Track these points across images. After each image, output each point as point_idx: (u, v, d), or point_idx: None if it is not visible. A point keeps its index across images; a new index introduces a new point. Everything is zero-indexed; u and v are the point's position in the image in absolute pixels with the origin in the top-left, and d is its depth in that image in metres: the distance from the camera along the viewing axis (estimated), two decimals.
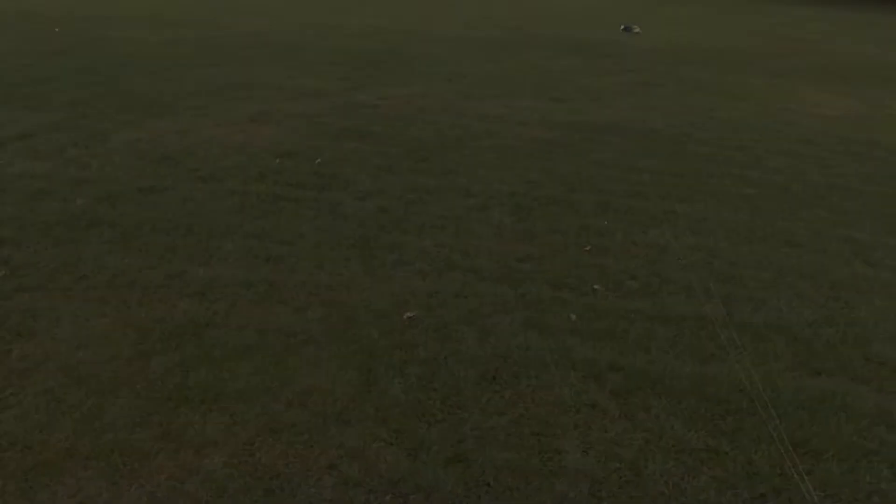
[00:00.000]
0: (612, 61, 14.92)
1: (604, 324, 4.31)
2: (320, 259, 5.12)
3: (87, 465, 3.06)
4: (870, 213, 6.47)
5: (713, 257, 5.31)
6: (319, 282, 4.78)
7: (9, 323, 4.14)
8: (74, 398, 3.50)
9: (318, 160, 7.28)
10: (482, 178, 7.03)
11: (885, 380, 3.86)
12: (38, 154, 7.23)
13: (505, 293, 4.72)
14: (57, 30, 15.44)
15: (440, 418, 3.44)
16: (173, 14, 18.80)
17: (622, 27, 21.11)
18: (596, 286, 4.83)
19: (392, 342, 4.09)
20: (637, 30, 20.77)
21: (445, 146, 8.11)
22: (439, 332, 4.22)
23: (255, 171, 6.88)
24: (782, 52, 18.26)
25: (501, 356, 3.98)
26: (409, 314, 4.40)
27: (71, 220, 5.62)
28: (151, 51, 13.25)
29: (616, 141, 8.60)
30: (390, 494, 2.95)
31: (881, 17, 34.51)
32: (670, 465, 3.13)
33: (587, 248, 5.47)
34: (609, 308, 4.52)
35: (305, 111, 9.32)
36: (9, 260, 4.91)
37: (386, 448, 3.22)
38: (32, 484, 2.95)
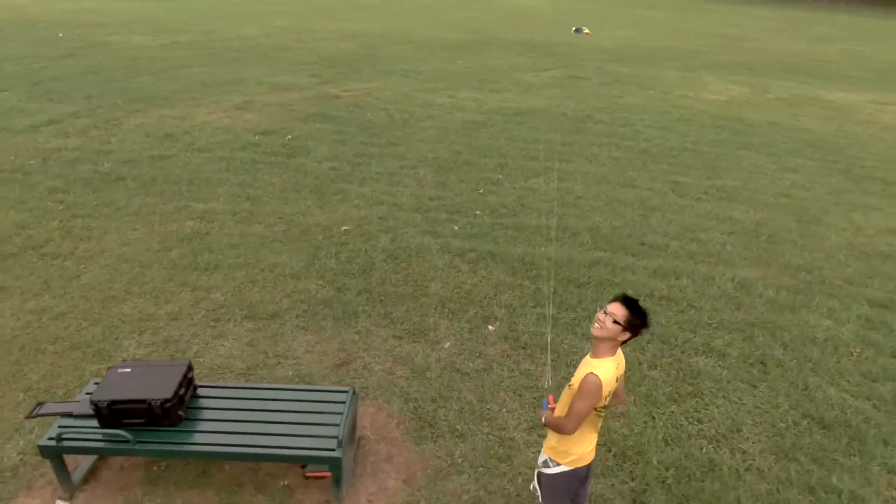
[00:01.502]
0: (553, 59, 17.08)
1: (475, 231, 6.43)
2: (286, 198, 7.19)
3: (142, 295, 5.12)
4: (702, 166, 8.65)
5: (567, 194, 7.45)
6: (284, 211, 6.85)
7: (72, 234, 6.17)
8: (124, 269, 5.55)
9: (289, 136, 9.34)
10: (416, 148, 9.12)
11: (643, 252, 6.02)
12: (68, 134, 9.22)
13: (414, 217, 6.81)
14: (60, 35, 17.33)
15: (357, 275, 5.53)
16: (167, 21, 20.76)
17: (573, 29, 23.37)
18: (478, 212, 6.94)
19: (331, 242, 6.17)
20: (587, 31, 23.02)
21: (392, 126, 10.19)
22: (364, 236, 6.31)
23: (239, 144, 8.92)
24: (713, 49, 20.53)
25: (403, 248, 6.08)
26: (345, 227, 6.49)
27: (103, 176, 7.64)
28: (150, 54, 15.22)
29: (531, 122, 10.72)
30: (321, 305, 5.04)
31: (831, 17, 36.95)
32: (491, 290, 5.26)
33: (480, 191, 7.58)
34: (482, 223, 6.63)
35: (281, 101, 11.37)
36: (63, 200, 6.93)
37: (322, 288, 5.31)
38: (108, 305, 5.00)
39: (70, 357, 4.38)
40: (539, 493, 2.88)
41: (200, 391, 3.49)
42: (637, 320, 2.47)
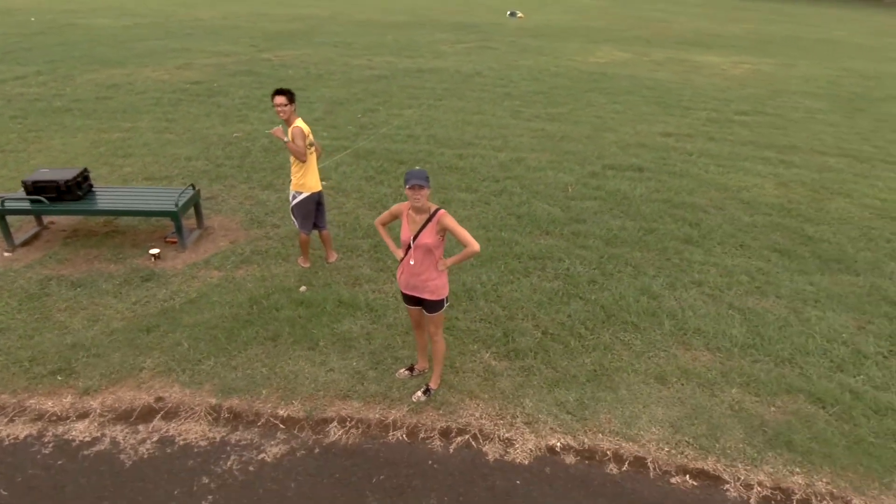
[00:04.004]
0: (476, 36, 19.10)
1: (342, 136, 8.42)
2: (197, 120, 9.13)
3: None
4: (546, 102, 10.69)
5: (430, 119, 9.45)
6: (193, 127, 8.79)
7: (26, 140, 8.08)
8: (62, 158, 7.47)
9: (215, 84, 11.26)
10: (320, 92, 11.08)
11: (458, 147, 8.02)
12: (30, 85, 11.08)
13: None
14: (33, 19, 19.09)
15: (236, 159, 7.50)
16: (133, 8, 22.55)
17: (508, 13, 25.45)
18: (350, 127, 8.92)
19: (223, 142, 8.14)
20: (520, 14, 25.10)
21: (307, 78, 12.14)
22: (249, 140, 8.27)
23: (171, 90, 10.84)
24: (625, 28, 22.65)
25: (277, 145, 8.05)
26: (236, 134, 8.45)
27: (55, 109, 9.53)
28: (112, 32, 17.05)
29: (428, 76, 12.72)
30: (202, 173, 6.98)
31: (763, 4, 39.34)
32: (335, 165, 7.22)
33: (360, 116, 9.56)
34: (350, 133, 8.63)
35: (217, 63, 13.28)
36: (22, 123, 8.83)
37: (206, 165, 7.27)
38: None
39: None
40: (294, 220, 4.88)
41: (95, 190, 5.43)
42: (290, 93, 4.47)
